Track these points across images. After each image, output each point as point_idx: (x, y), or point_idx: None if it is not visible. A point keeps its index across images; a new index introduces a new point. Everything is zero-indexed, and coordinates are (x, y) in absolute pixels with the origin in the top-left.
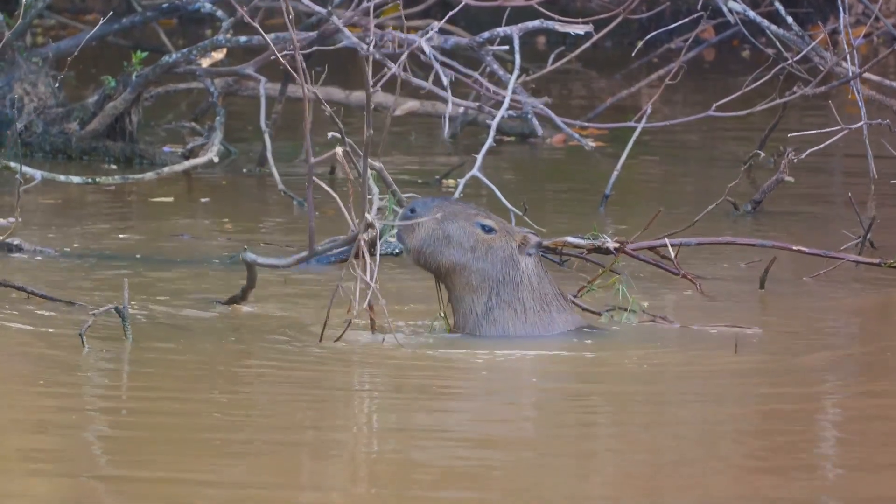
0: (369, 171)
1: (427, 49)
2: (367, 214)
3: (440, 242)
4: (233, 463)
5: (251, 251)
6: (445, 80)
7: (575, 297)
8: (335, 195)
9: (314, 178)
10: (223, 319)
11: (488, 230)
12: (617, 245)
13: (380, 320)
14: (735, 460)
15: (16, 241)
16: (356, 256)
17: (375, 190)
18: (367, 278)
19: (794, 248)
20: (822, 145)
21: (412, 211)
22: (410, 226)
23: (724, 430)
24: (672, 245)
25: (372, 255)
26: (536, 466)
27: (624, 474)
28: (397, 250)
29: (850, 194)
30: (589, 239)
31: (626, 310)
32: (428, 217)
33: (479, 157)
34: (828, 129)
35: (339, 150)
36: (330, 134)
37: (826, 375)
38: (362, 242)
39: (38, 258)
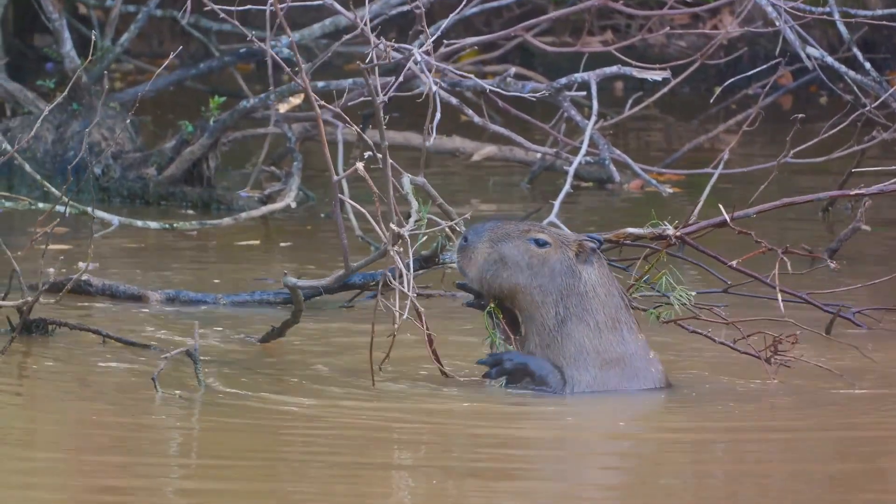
0: (409, 186)
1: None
2: (393, 226)
3: (497, 266)
4: None
5: (291, 275)
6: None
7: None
8: (363, 210)
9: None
10: (295, 363)
11: (542, 244)
12: (677, 233)
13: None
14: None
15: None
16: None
17: (414, 204)
18: (407, 292)
19: (853, 192)
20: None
21: (465, 240)
22: (467, 255)
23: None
24: (731, 219)
25: (406, 267)
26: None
27: None
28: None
29: None
30: (649, 228)
31: (671, 303)
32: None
33: (557, 202)
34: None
35: (359, 165)
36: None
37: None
38: (394, 254)
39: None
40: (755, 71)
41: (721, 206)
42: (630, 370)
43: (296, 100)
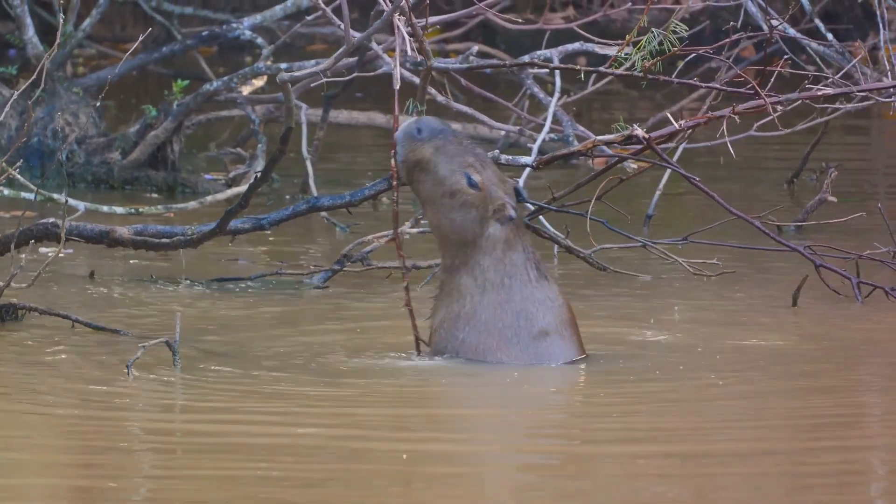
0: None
1: None
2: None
3: (427, 174)
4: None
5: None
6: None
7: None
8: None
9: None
10: (271, 344)
11: (472, 185)
12: (646, 134)
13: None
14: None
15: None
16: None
17: None
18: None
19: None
20: None
21: (419, 131)
22: (412, 146)
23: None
24: (683, 126)
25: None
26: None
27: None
28: None
29: (879, 205)
30: (618, 131)
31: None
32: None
33: (521, 179)
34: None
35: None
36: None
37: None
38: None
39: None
40: (718, 45)
41: (670, 116)
42: (511, 330)
43: (258, 82)
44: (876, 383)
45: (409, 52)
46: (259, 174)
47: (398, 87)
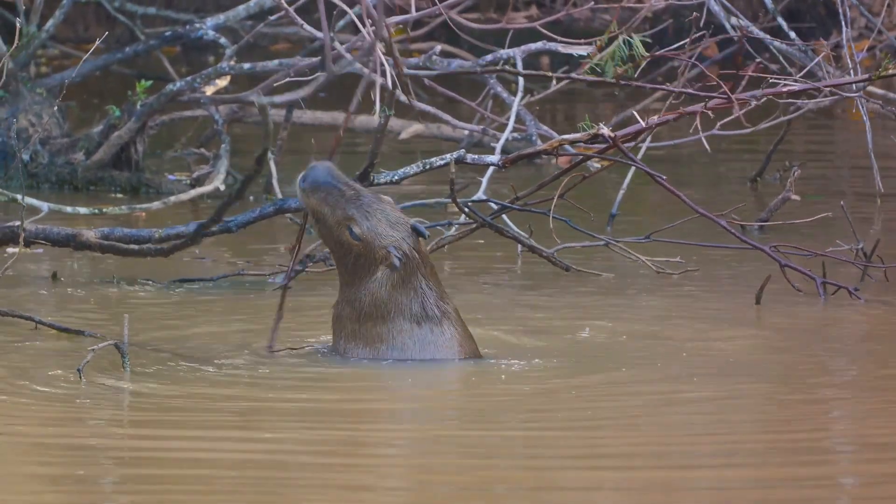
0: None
1: None
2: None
3: (319, 221)
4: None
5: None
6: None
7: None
8: None
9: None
10: (225, 347)
11: (355, 238)
12: (611, 133)
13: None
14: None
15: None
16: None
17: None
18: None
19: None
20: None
21: (304, 181)
22: (304, 193)
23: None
24: (650, 125)
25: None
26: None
27: None
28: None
29: (842, 203)
30: (584, 130)
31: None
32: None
33: (485, 179)
34: None
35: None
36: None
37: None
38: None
39: (45, 290)
40: (680, 44)
41: (637, 115)
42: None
43: (222, 82)
44: (842, 384)
45: (385, 74)
46: (234, 194)
47: (359, 102)
